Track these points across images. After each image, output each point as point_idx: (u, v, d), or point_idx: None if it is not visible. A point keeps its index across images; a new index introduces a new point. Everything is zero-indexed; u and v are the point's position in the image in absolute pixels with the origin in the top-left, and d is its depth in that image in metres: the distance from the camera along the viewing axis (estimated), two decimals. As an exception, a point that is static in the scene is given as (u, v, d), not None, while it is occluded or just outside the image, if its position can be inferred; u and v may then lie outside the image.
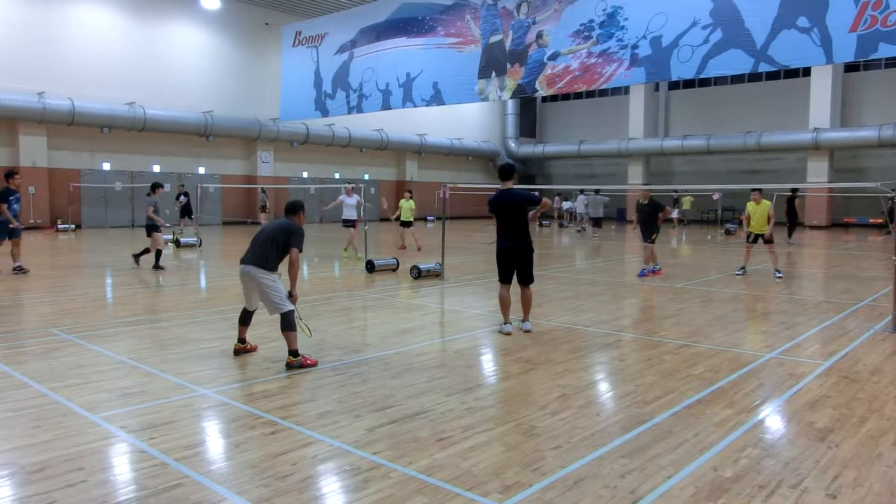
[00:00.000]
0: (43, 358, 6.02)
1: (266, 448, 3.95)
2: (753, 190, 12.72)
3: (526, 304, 7.40)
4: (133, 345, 6.60)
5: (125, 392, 5.01)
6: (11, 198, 11.53)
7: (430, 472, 3.61)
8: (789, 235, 20.62)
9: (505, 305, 7.36)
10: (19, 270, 11.61)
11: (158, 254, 12.57)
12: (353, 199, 15.22)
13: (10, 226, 11.45)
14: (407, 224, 17.73)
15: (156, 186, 13.04)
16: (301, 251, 5.89)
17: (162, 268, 12.45)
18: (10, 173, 11.91)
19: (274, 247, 5.88)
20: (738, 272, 12.66)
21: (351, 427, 4.31)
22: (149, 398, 4.87)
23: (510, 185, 7.38)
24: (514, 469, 3.67)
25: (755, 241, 12.57)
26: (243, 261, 5.98)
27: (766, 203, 12.40)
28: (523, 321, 7.41)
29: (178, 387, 5.17)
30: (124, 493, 3.36)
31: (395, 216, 18.10)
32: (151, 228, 12.56)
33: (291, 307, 5.81)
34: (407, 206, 17.78)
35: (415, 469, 3.66)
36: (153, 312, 8.52)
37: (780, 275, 12.17)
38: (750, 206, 12.62)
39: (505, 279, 7.36)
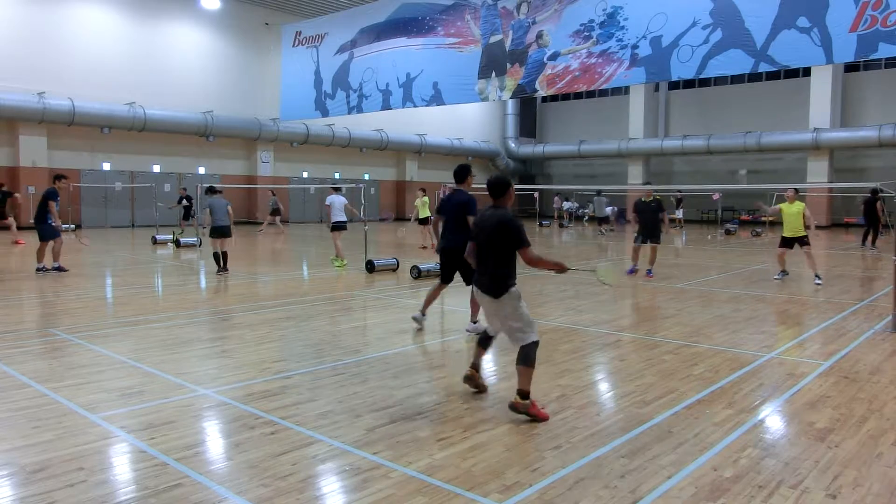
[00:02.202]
0: (43, 358, 6.03)
1: (266, 448, 3.95)
2: (789, 189, 11.79)
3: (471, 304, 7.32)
4: (133, 345, 6.60)
5: (125, 392, 5.01)
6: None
7: (430, 472, 3.61)
8: (869, 241, 18.74)
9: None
10: (58, 269, 11.88)
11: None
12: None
13: (53, 224, 11.83)
14: (424, 222, 17.99)
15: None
16: (529, 245, 4.72)
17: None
18: (60, 176, 12.29)
19: (495, 254, 4.75)
20: (776, 276, 11.86)
21: (351, 427, 4.31)
22: (149, 398, 4.87)
23: (463, 187, 7.34)
24: (514, 469, 3.67)
25: (791, 245, 11.68)
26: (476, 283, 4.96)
27: (799, 204, 11.55)
28: (471, 321, 7.40)
29: (178, 387, 5.17)
30: (124, 493, 3.36)
31: (413, 217, 18.71)
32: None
33: (536, 337, 4.74)
34: (422, 204, 18.17)
35: (415, 469, 3.66)
36: (153, 312, 8.52)
37: (819, 281, 11.28)
38: (783, 206, 11.68)
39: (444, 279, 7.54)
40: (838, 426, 4.40)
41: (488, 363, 6.27)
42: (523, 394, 4.55)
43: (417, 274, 11.77)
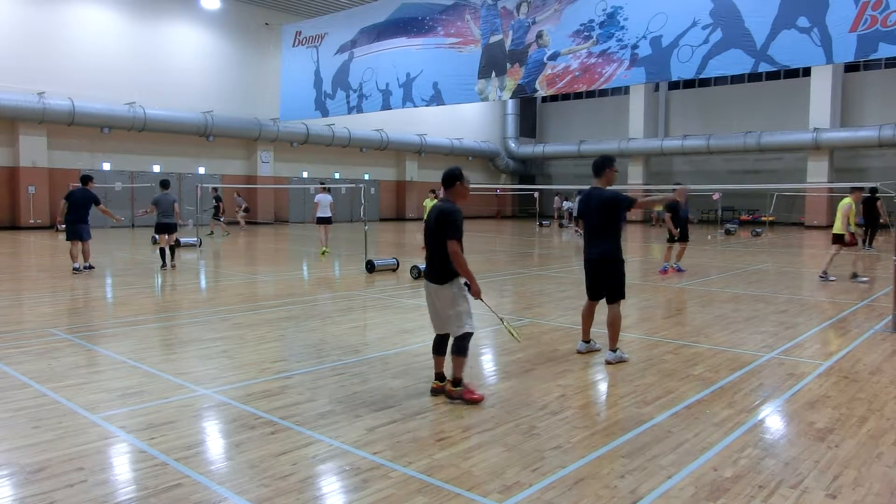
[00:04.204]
0: (43, 358, 6.03)
1: (266, 448, 3.95)
2: (855, 189, 11.51)
3: (608, 328, 6.11)
4: (133, 345, 6.60)
5: (125, 392, 5.01)
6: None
7: (430, 472, 3.61)
8: (870, 241, 18.67)
9: (584, 321, 6.36)
10: (88, 268, 12.17)
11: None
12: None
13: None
14: None
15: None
16: (459, 240, 4.79)
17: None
18: (90, 177, 12.50)
19: (440, 243, 4.82)
20: (832, 278, 11.70)
21: (351, 427, 4.31)
22: (149, 398, 4.87)
23: (600, 183, 6.16)
24: (514, 469, 3.67)
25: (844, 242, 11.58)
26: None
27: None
28: (610, 350, 6.14)
29: (178, 387, 5.17)
30: (124, 493, 3.36)
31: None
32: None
33: (471, 329, 4.90)
34: (430, 206, 17.79)
35: (415, 469, 3.66)
36: (153, 312, 8.52)
37: (864, 279, 11.31)
38: (850, 202, 11.36)
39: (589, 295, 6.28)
40: (838, 426, 4.40)
41: (488, 363, 6.27)
42: (456, 381, 4.84)
43: (417, 274, 11.77)
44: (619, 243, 6.02)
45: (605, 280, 6.07)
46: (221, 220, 23.15)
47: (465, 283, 4.92)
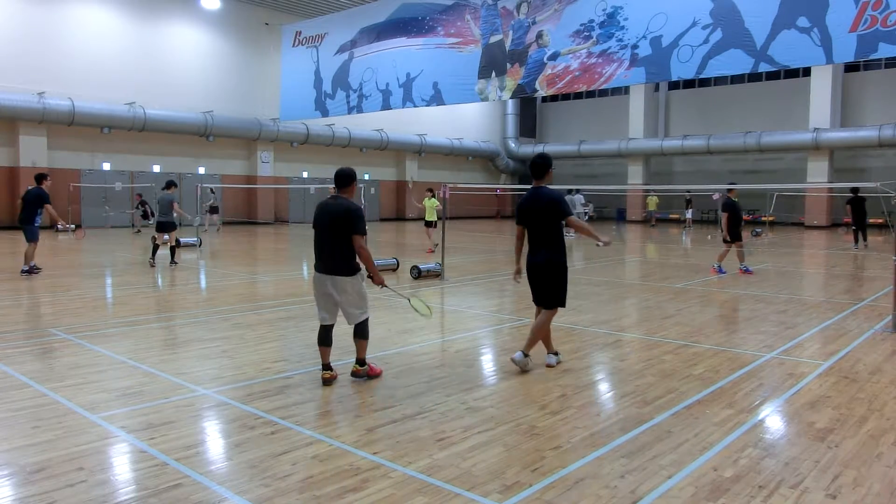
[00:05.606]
0: (43, 358, 6.03)
1: (266, 448, 3.95)
2: None
3: (533, 330, 5.89)
4: (133, 345, 6.60)
5: (125, 392, 5.01)
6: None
7: (430, 472, 3.62)
8: (864, 238, 19.09)
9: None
10: (33, 270, 11.81)
11: None
12: None
13: (60, 226, 12.26)
14: (430, 223, 17.75)
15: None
16: (363, 234, 5.20)
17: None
18: (45, 175, 12.27)
19: (342, 239, 5.17)
20: None
21: (351, 427, 4.31)
22: (149, 398, 4.87)
23: (543, 184, 5.87)
24: (514, 469, 3.67)
25: None
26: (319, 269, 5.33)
27: None
28: (548, 354, 5.98)
29: (178, 387, 5.17)
30: (124, 493, 3.36)
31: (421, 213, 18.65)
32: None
33: (369, 314, 5.37)
34: (430, 205, 17.54)
35: (415, 469, 3.66)
36: (153, 312, 8.52)
37: None
38: None
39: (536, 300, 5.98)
40: (838, 426, 4.40)
41: (488, 363, 6.27)
42: (361, 361, 5.38)
43: (417, 274, 11.77)
44: (564, 247, 5.76)
45: (548, 285, 5.76)
46: (150, 222, 22.86)
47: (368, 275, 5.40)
